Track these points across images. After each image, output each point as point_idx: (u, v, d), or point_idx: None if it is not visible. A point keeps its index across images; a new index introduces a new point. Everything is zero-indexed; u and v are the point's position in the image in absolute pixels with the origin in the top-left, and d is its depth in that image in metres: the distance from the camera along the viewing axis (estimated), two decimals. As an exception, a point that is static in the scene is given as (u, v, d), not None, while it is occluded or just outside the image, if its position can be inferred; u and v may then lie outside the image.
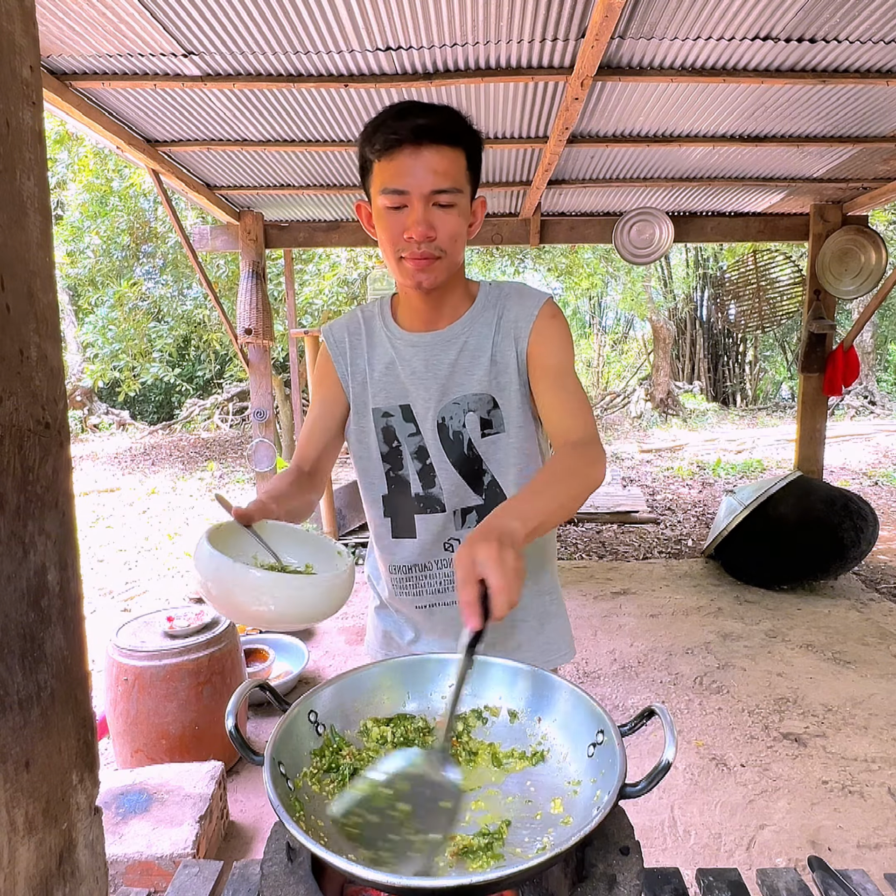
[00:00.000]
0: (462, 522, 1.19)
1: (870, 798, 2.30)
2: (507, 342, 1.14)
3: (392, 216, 1.04)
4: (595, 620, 3.85)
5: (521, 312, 1.13)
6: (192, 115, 2.99)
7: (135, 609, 4.37)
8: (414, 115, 1.00)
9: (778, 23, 2.24)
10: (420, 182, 1.01)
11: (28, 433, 0.53)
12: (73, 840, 0.60)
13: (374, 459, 1.21)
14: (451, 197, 1.03)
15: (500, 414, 1.15)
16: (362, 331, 1.23)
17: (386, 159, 1.02)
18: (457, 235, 1.07)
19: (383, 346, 1.20)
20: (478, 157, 1.09)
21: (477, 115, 3.02)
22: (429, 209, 1.03)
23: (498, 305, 1.16)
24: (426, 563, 1.22)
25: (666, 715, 0.69)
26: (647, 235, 4.58)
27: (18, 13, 0.53)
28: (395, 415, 1.18)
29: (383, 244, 1.09)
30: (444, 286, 1.12)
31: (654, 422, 12.89)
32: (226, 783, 2.27)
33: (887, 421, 11.89)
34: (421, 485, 1.19)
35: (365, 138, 1.05)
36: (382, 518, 1.24)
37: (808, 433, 4.94)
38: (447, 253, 1.07)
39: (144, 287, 9.07)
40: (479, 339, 1.15)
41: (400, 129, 0.99)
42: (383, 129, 1.01)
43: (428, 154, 1.00)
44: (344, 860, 0.58)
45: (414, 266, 1.06)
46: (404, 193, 1.02)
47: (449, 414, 1.15)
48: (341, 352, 1.23)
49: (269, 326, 4.64)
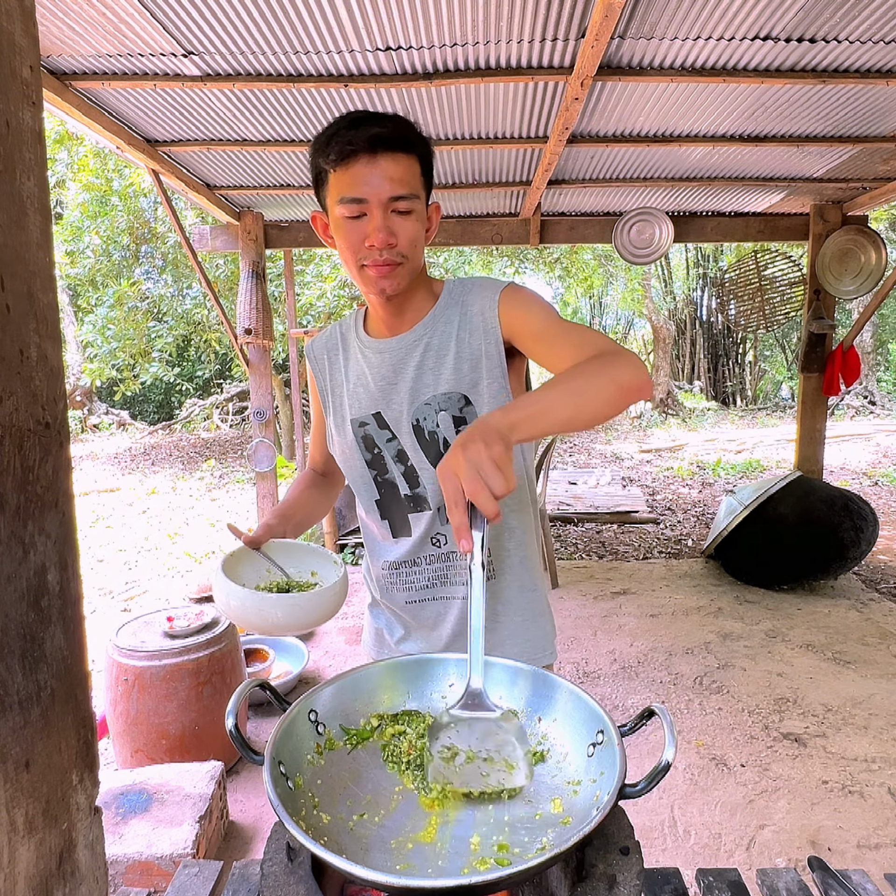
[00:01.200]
0: (446, 518, 1.20)
1: (870, 798, 2.30)
2: (475, 337, 1.14)
3: (351, 225, 1.06)
4: (595, 620, 3.85)
5: (484, 303, 1.14)
6: (192, 115, 2.99)
7: (135, 609, 4.37)
8: (368, 125, 1.02)
9: (778, 23, 2.24)
10: (378, 190, 1.02)
11: (28, 433, 0.53)
12: (73, 840, 0.60)
13: (360, 468, 1.24)
14: (409, 203, 1.05)
15: (473, 410, 1.15)
16: (339, 346, 1.27)
17: (342, 169, 1.03)
18: (416, 240, 1.09)
19: (355, 357, 1.24)
20: (429, 163, 1.11)
21: (477, 115, 3.03)
22: (388, 216, 1.04)
23: (461, 302, 1.16)
24: (415, 558, 1.24)
25: (666, 715, 0.69)
26: (647, 235, 4.58)
27: (18, 13, 0.53)
28: (369, 423, 1.21)
29: (344, 253, 1.10)
30: (406, 290, 1.14)
31: (654, 422, 12.89)
32: (226, 783, 2.27)
33: (887, 421, 11.90)
34: (407, 486, 1.21)
35: (318, 149, 1.06)
36: (381, 520, 1.26)
37: (808, 433, 4.94)
38: (408, 258, 1.09)
39: (144, 287, 9.07)
40: (443, 338, 1.16)
41: (355, 139, 1.01)
42: (337, 139, 1.02)
43: (384, 162, 1.02)
44: (344, 860, 0.58)
45: (376, 273, 1.08)
46: (363, 202, 1.03)
47: (422, 415, 1.16)
48: (320, 368, 1.29)
49: (269, 326, 4.64)
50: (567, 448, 10.62)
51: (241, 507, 7.20)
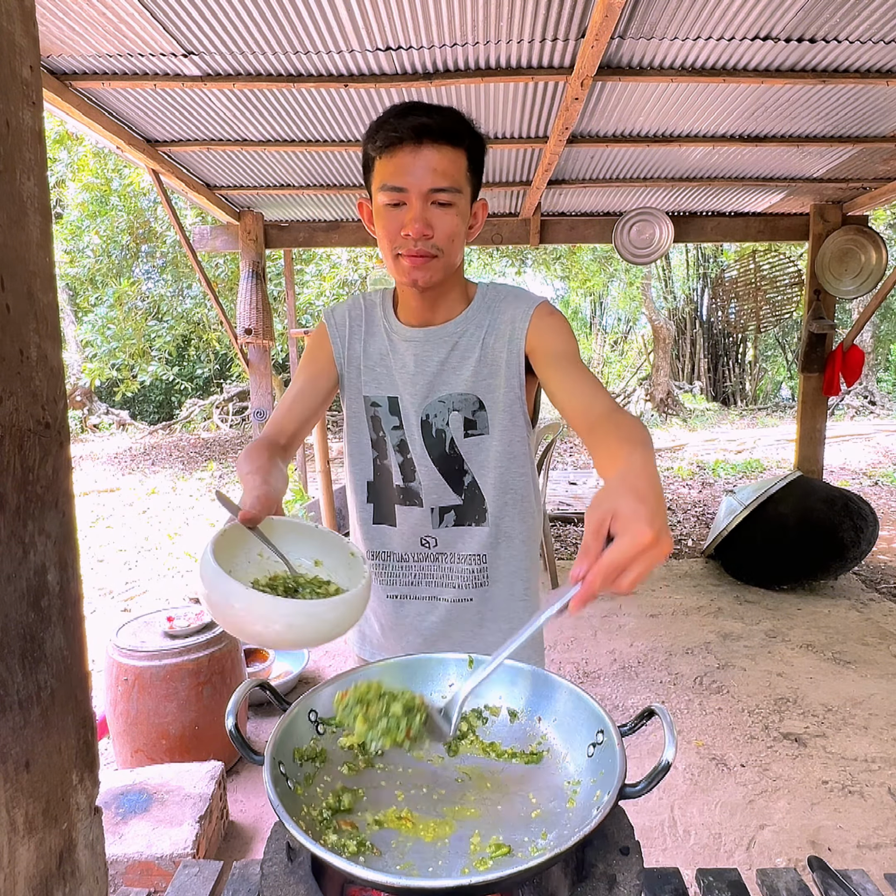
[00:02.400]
0: (440, 521, 1.20)
1: (870, 798, 2.30)
2: (500, 344, 1.14)
3: (390, 213, 1.05)
4: (595, 620, 3.85)
5: (517, 313, 1.14)
6: (192, 115, 2.99)
7: (135, 609, 4.37)
8: (416, 114, 1.01)
9: (778, 23, 2.24)
10: (419, 180, 1.02)
11: (28, 433, 0.53)
12: (73, 840, 0.60)
13: (364, 445, 1.23)
14: (450, 196, 1.04)
15: (486, 416, 1.15)
16: (363, 317, 1.23)
17: (387, 156, 1.03)
18: (454, 235, 1.07)
19: (380, 336, 1.21)
20: (480, 159, 1.09)
21: (477, 115, 3.03)
22: (427, 207, 1.04)
23: (493, 308, 1.16)
24: (404, 553, 1.23)
25: (666, 715, 0.69)
26: (647, 235, 4.58)
27: (18, 13, 0.53)
28: (381, 405, 1.20)
29: (381, 241, 1.10)
30: (441, 286, 1.12)
31: (654, 422, 12.89)
32: (226, 783, 2.27)
33: (887, 421, 11.89)
34: (402, 477, 1.20)
35: (368, 136, 1.06)
36: (365, 504, 1.25)
37: (808, 433, 4.94)
38: (444, 252, 1.07)
39: (144, 286, 9.08)
40: (471, 340, 1.15)
41: (401, 127, 1.01)
42: (385, 127, 1.02)
43: (428, 152, 1.01)
44: (344, 860, 0.58)
45: (410, 263, 1.07)
46: (403, 191, 1.03)
47: (434, 411, 1.16)
48: (340, 335, 1.23)
49: (269, 326, 4.64)
50: (567, 448, 10.61)
51: (241, 507, 7.19)
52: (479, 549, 1.19)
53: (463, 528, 1.20)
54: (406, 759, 0.81)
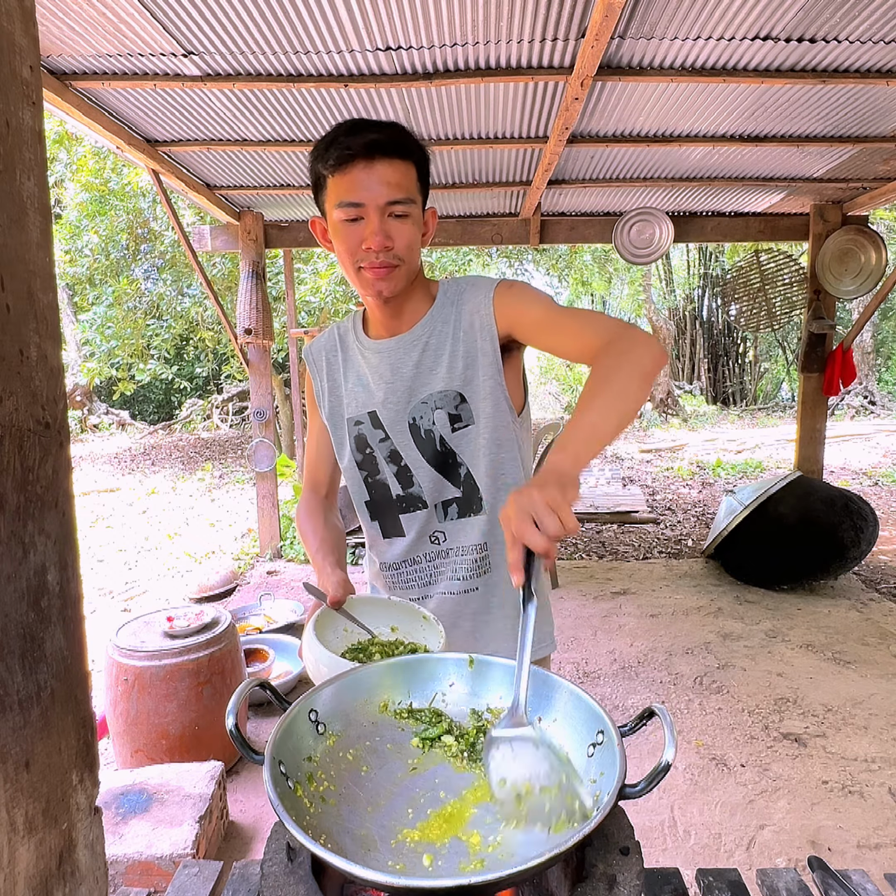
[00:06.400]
0: (444, 515, 1.22)
1: (870, 798, 2.30)
2: (471, 334, 1.16)
3: (349, 228, 1.09)
4: (595, 620, 3.85)
5: (479, 301, 1.16)
6: (192, 115, 2.99)
7: (135, 609, 4.37)
8: (366, 131, 1.05)
9: (778, 23, 2.24)
10: (375, 194, 1.05)
11: (28, 433, 0.53)
12: (73, 840, 0.60)
13: (351, 469, 1.27)
14: (405, 207, 1.08)
15: (469, 407, 1.17)
16: (337, 347, 1.30)
17: (340, 174, 1.06)
18: (412, 244, 1.12)
19: (355, 359, 1.26)
20: (426, 169, 1.14)
21: (477, 115, 3.03)
22: (384, 220, 1.07)
23: (456, 301, 1.19)
24: (415, 557, 1.26)
25: (666, 715, 0.69)
26: (647, 235, 4.58)
27: (18, 13, 0.53)
28: (364, 422, 1.23)
29: (342, 256, 1.13)
30: (403, 293, 1.16)
31: (654, 422, 12.89)
32: (226, 783, 2.27)
33: (887, 421, 11.89)
34: (400, 486, 1.23)
35: (318, 155, 1.09)
36: (370, 522, 1.29)
37: (808, 433, 4.94)
38: (404, 261, 1.11)
39: (143, 286, 9.07)
40: (440, 338, 1.18)
41: (353, 145, 1.04)
42: (336, 146, 1.05)
43: (381, 167, 1.05)
44: (344, 860, 0.58)
45: (373, 275, 1.10)
46: (360, 206, 1.06)
47: (419, 413, 1.19)
48: (318, 370, 1.31)
49: (269, 326, 4.64)
50: (567, 448, 10.60)
51: (240, 508, 7.20)
52: (480, 538, 1.22)
53: (465, 520, 1.23)
54: (406, 758, 0.81)
